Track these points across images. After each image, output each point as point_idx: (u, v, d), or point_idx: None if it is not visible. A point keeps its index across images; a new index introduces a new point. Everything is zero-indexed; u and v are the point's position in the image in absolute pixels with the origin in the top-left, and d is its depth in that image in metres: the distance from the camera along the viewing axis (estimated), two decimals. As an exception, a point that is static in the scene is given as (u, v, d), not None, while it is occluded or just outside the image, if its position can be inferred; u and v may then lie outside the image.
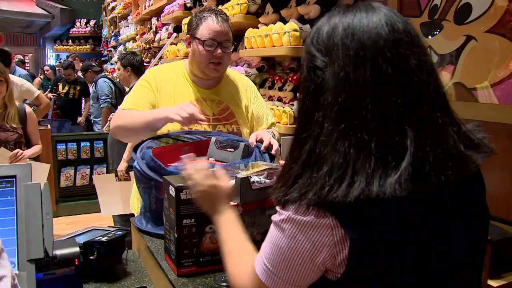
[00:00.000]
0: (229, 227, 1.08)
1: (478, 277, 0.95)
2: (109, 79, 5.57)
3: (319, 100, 0.80)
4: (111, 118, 4.24)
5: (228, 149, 1.63)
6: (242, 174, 1.34)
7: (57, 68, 9.21)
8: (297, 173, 0.81)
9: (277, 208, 0.86)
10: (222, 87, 1.97)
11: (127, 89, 4.11)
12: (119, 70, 4.00)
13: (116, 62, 4.34)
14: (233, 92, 1.99)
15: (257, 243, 1.37)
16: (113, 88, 5.46)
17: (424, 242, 0.82)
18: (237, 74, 2.10)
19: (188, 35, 1.90)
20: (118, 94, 5.38)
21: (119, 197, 3.15)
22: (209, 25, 1.82)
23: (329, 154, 0.77)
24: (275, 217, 0.86)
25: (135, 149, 1.62)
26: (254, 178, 1.34)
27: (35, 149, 3.40)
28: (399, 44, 0.79)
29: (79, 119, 6.62)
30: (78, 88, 6.60)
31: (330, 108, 0.79)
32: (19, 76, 4.63)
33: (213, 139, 1.65)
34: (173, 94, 1.88)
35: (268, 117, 2.07)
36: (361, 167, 0.75)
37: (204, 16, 1.84)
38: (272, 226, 0.87)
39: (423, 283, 0.84)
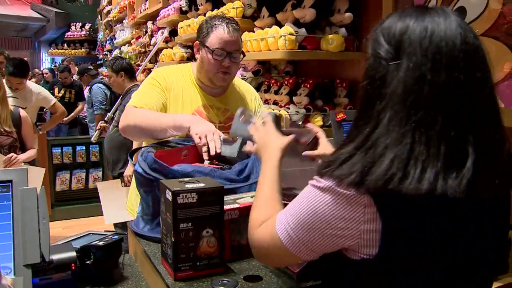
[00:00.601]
0: (265, 174, 1.13)
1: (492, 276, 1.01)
2: (104, 84, 5.55)
3: (382, 91, 0.84)
4: (99, 127, 4.22)
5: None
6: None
7: (56, 72, 9.20)
8: (349, 153, 0.85)
9: (316, 177, 0.89)
10: (228, 96, 1.98)
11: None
12: (111, 77, 3.94)
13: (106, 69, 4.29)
14: (239, 102, 1.99)
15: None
16: (108, 93, 5.44)
17: (465, 237, 0.87)
18: (242, 83, 2.10)
19: (198, 42, 1.89)
20: (114, 100, 5.37)
21: (125, 203, 3.13)
22: (219, 34, 1.80)
23: (392, 144, 0.81)
24: (313, 182, 0.89)
25: (130, 154, 1.62)
26: None
27: (30, 153, 3.39)
28: (468, 56, 0.83)
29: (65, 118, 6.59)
30: (74, 91, 6.57)
31: (399, 102, 0.82)
32: None
33: (239, 111, 1.54)
34: (181, 97, 1.88)
35: None
36: (429, 164, 0.79)
37: (215, 24, 1.82)
38: (306, 190, 0.90)
39: (451, 281, 0.88)
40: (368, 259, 0.85)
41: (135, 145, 3.38)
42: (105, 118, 4.42)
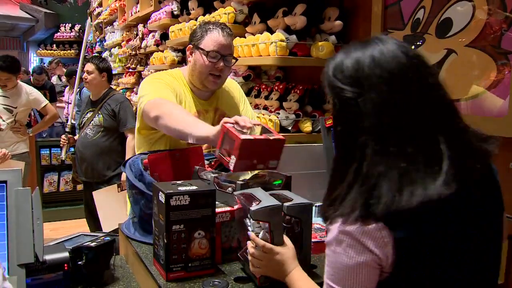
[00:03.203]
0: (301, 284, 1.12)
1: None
2: None
3: (359, 126, 0.90)
4: (64, 142, 3.95)
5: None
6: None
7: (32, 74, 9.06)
8: (345, 192, 0.90)
9: (326, 226, 0.93)
10: (217, 94, 2.02)
11: (91, 96, 3.77)
12: (91, 73, 3.62)
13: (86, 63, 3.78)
14: (228, 98, 2.05)
15: (240, 249, 1.40)
16: None
17: (469, 236, 0.93)
18: (228, 80, 2.13)
19: (191, 45, 1.91)
20: None
21: (122, 208, 3.10)
22: (214, 37, 1.84)
23: (384, 171, 0.87)
24: (327, 239, 0.93)
25: (124, 164, 1.64)
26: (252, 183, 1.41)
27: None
28: (417, 67, 0.92)
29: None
30: (48, 92, 6.43)
31: (376, 132, 0.89)
32: None
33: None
34: (183, 103, 1.90)
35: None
36: (416, 177, 0.85)
37: (209, 28, 1.87)
38: (326, 248, 0.93)
39: (466, 277, 0.94)
40: (384, 278, 0.90)
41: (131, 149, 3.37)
42: (67, 129, 4.25)
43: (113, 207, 3.27)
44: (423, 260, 0.88)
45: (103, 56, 5.56)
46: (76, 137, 3.89)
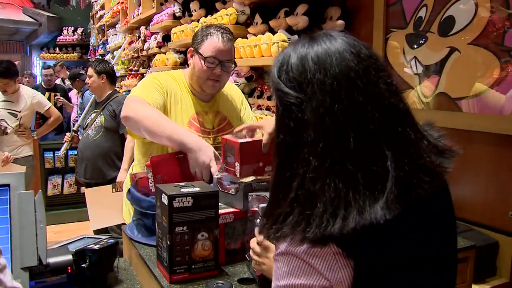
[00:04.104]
0: None
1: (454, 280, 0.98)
2: None
3: (302, 137, 0.80)
4: (68, 139, 3.98)
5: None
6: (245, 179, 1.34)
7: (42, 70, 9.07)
8: (286, 210, 0.81)
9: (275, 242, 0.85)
10: (218, 97, 2.02)
11: (96, 98, 3.82)
12: (91, 77, 3.69)
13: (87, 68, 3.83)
14: (228, 102, 2.04)
15: (247, 250, 1.40)
16: None
17: (418, 253, 0.85)
18: (228, 84, 2.13)
19: (192, 48, 1.91)
20: None
21: (114, 209, 3.10)
22: (213, 43, 1.83)
23: (321, 190, 0.77)
24: (274, 255, 0.85)
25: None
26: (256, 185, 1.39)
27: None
28: (368, 71, 0.81)
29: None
30: (59, 95, 6.46)
31: (315, 145, 0.79)
32: None
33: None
34: (180, 104, 1.90)
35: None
36: (352, 199, 0.76)
37: (210, 33, 1.86)
38: (274, 263, 0.85)
39: None
40: None
41: (129, 149, 3.38)
42: (74, 128, 4.28)
43: (104, 207, 3.27)
44: (380, 283, 0.80)
45: (105, 59, 5.57)
46: (80, 137, 3.91)
